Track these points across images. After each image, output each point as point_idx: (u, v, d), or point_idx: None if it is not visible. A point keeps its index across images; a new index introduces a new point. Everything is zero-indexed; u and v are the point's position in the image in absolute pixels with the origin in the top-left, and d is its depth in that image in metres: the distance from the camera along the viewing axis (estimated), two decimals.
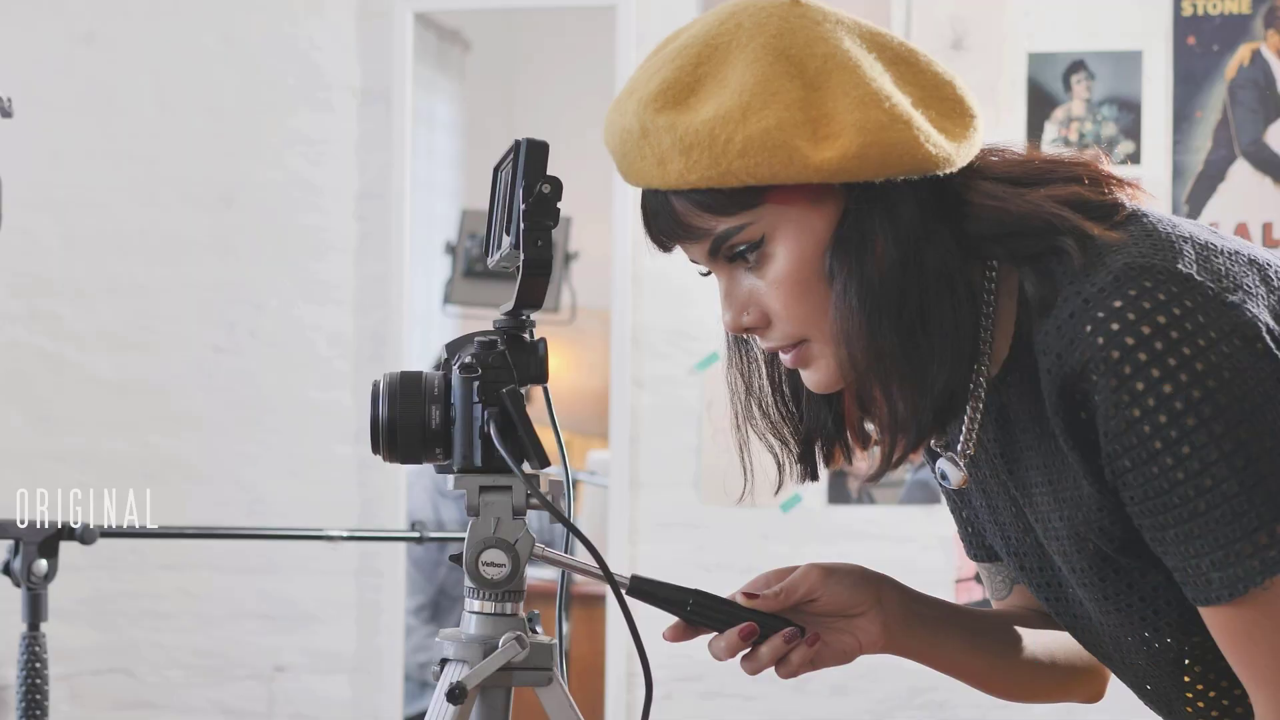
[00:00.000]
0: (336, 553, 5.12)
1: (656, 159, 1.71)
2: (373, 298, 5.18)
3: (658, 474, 5.02)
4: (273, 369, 5.23)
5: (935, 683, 4.72)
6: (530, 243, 1.79)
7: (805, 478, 1.92)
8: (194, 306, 5.26)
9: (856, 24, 1.76)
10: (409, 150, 5.17)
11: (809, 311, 1.74)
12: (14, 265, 5.28)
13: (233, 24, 5.27)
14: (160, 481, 5.21)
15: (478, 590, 1.83)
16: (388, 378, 1.85)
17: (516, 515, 1.81)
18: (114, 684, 5.29)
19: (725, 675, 4.83)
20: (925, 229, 1.72)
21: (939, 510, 4.82)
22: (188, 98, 5.29)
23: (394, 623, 5.18)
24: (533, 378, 1.84)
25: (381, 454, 1.85)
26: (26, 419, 5.33)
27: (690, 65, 1.72)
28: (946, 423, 1.78)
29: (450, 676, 1.81)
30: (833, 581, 1.88)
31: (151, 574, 5.26)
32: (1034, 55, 4.82)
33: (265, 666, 5.24)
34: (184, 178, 5.28)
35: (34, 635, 2.92)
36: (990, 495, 1.91)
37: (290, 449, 5.22)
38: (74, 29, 5.32)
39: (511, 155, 1.82)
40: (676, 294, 4.95)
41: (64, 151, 5.28)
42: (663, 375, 5.00)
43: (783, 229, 1.73)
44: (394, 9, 5.16)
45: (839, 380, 1.77)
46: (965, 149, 1.74)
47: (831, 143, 1.67)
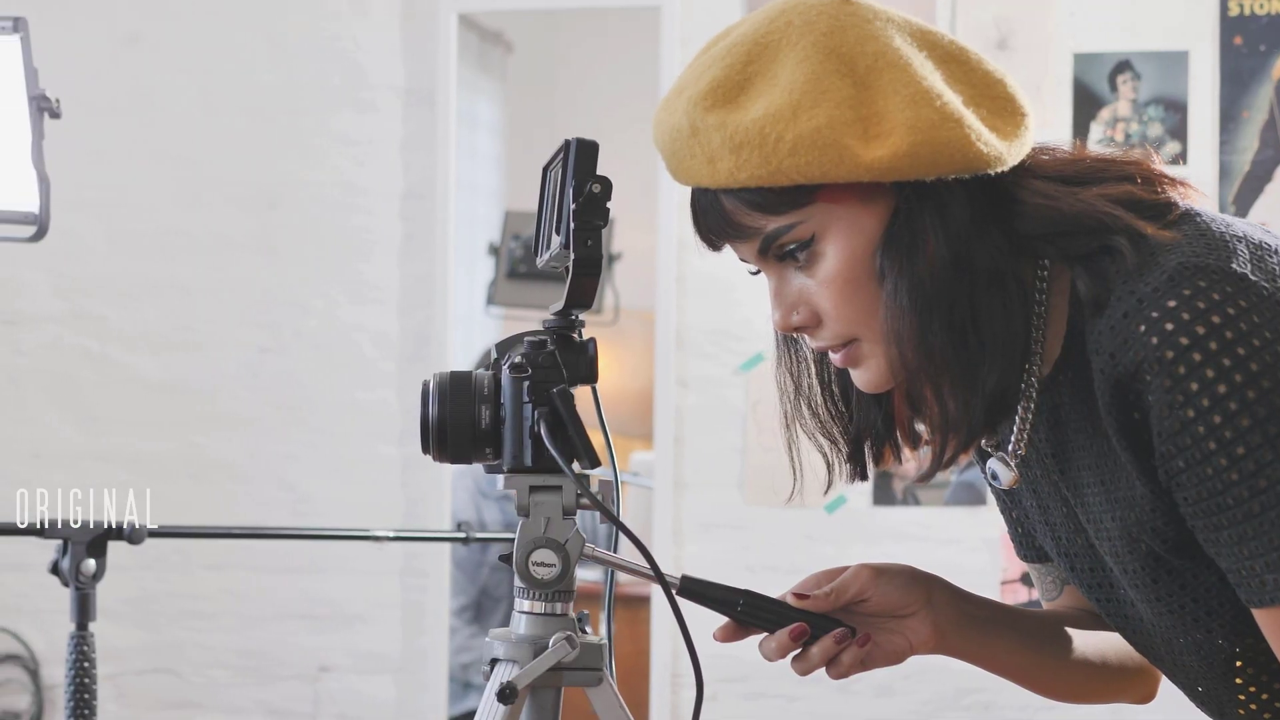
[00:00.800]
0: (381, 553, 5.13)
1: (706, 157, 1.70)
2: (417, 298, 5.19)
3: (702, 475, 5.01)
4: (317, 369, 5.24)
5: (981, 684, 4.72)
6: (580, 242, 1.78)
7: (855, 477, 1.92)
8: (238, 307, 5.27)
9: (907, 22, 1.75)
10: (453, 151, 5.18)
11: (859, 311, 1.74)
12: (58, 266, 5.30)
13: (276, 25, 5.28)
14: (205, 482, 5.23)
15: (528, 590, 1.82)
16: (438, 377, 1.85)
17: (566, 515, 1.81)
18: (159, 684, 5.30)
19: (769, 676, 4.82)
20: (976, 228, 1.71)
21: (984, 512, 4.80)
22: (232, 98, 5.31)
23: (438, 623, 5.18)
24: (582, 378, 1.84)
25: (431, 454, 1.85)
26: (71, 419, 5.35)
27: (740, 63, 1.72)
28: (997, 422, 1.77)
29: (500, 676, 1.81)
30: (883, 581, 1.87)
31: (196, 574, 5.27)
32: (1079, 55, 4.81)
33: (310, 667, 5.25)
34: (228, 179, 5.29)
35: (82, 635, 2.93)
36: (1041, 495, 1.90)
37: (334, 449, 5.23)
38: (118, 30, 5.34)
39: (561, 155, 1.81)
40: (721, 294, 4.94)
41: (108, 153, 5.30)
42: (707, 376, 5.00)
43: (833, 228, 1.72)
44: (438, 10, 5.17)
45: (889, 380, 1.77)
46: (1016, 148, 1.73)
47: (882, 141, 1.67)
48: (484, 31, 5.84)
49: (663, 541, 4.96)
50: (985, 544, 4.82)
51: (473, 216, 5.87)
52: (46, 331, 5.35)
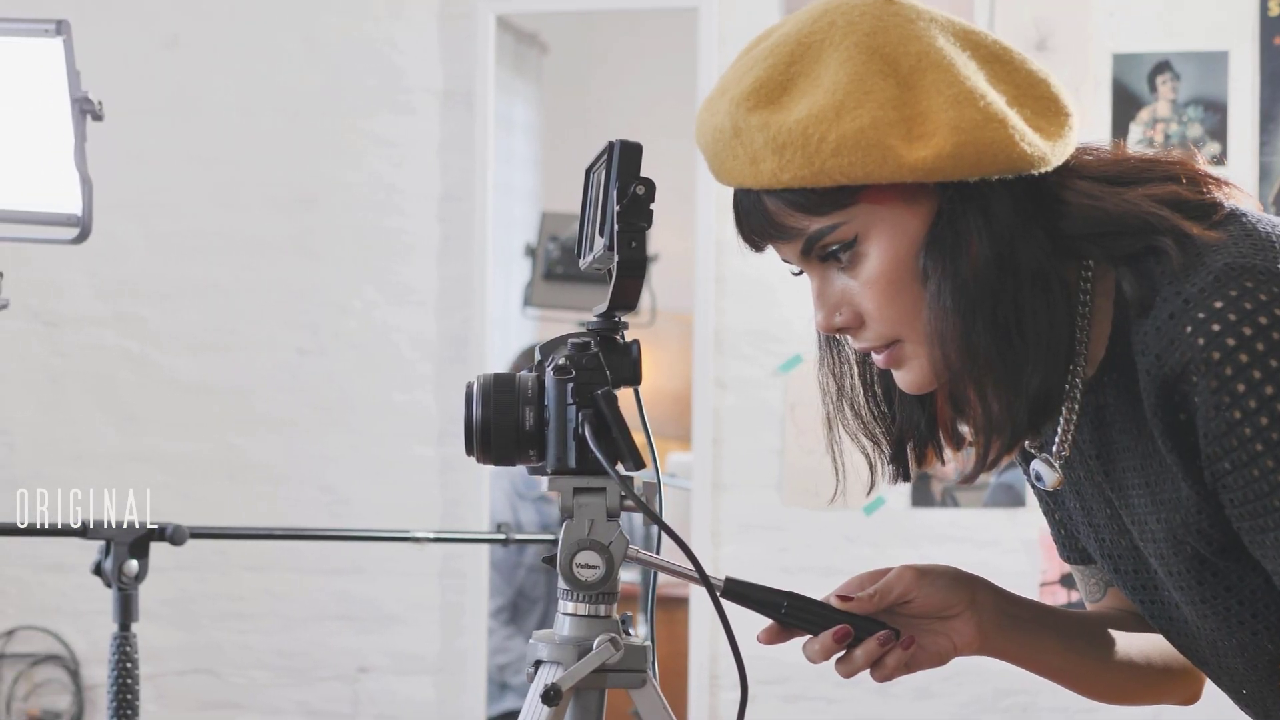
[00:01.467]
0: (420, 555, 5.14)
1: (749, 158, 1.70)
2: (454, 300, 5.19)
3: (740, 476, 5.01)
4: (355, 371, 5.25)
5: (1021, 685, 4.71)
6: (624, 244, 1.78)
7: (897, 478, 1.91)
8: (277, 309, 5.28)
9: (950, 22, 1.75)
10: (491, 153, 5.18)
11: (902, 312, 1.73)
12: (98, 268, 5.32)
13: (315, 27, 5.30)
14: (242, 483, 5.24)
15: (571, 592, 1.82)
16: (481, 379, 1.85)
17: (610, 517, 1.81)
18: (199, 684, 5.32)
19: (809, 678, 4.82)
20: (1020, 228, 1.71)
21: (1023, 513, 4.79)
22: (270, 100, 5.32)
23: (477, 624, 5.19)
24: (626, 379, 1.84)
25: (475, 455, 1.85)
26: (111, 420, 5.36)
27: (783, 64, 1.71)
28: (1041, 424, 1.76)
29: (545, 678, 1.81)
30: (927, 583, 1.86)
31: (236, 575, 5.28)
32: (1119, 56, 4.80)
33: (349, 667, 5.26)
34: (266, 180, 5.31)
35: (124, 635, 2.94)
36: (1085, 497, 1.90)
37: (372, 450, 5.24)
38: (157, 33, 5.36)
39: (604, 157, 1.81)
40: (759, 296, 4.94)
41: (147, 155, 5.31)
42: (745, 377, 5.00)
43: (876, 229, 1.72)
44: (475, 11, 5.17)
45: (932, 381, 1.76)
46: (1060, 148, 1.72)
47: (926, 142, 1.66)
48: (519, 33, 5.85)
49: (700, 542, 4.95)
50: (1024, 546, 4.81)
51: (509, 218, 5.87)
52: (87, 333, 5.37)
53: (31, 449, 5.37)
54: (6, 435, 5.36)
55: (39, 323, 5.38)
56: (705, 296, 5.00)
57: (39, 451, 5.36)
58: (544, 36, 6.17)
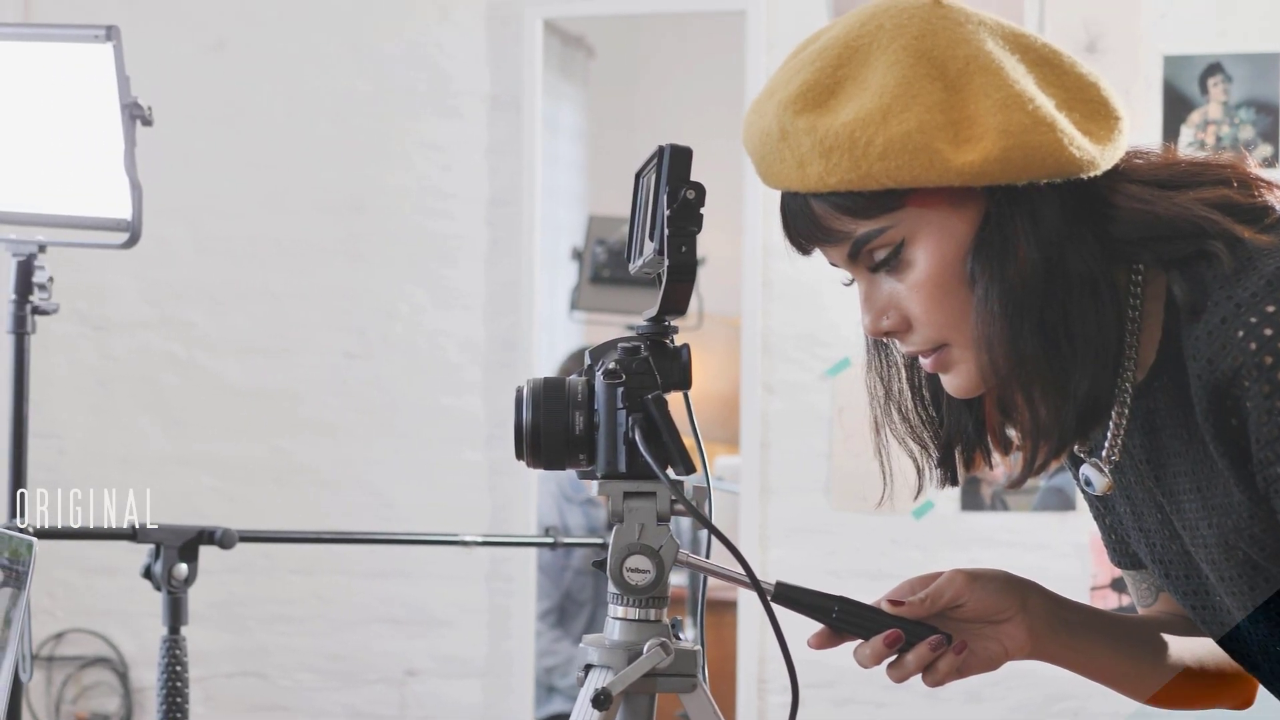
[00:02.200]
0: (468, 558, 5.15)
1: (796, 161, 1.70)
2: (503, 304, 5.20)
3: (788, 480, 5.01)
4: (403, 375, 5.26)
5: (1071, 690, 4.69)
6: (674, 248, 1.78)
7: (945, 483, 1.90)
8: (325, 313, 5.30)
9: (999, 25, 1.74)
10: (539, 156, 5.19)
11: (950, 316, 1.73)
12: (147, 272, 5.34)
13: (363, 31, 5.31)
14: (290, 486, 5.26)
15: (622, 596, 1.82)
16: (531, 383, 1.85)
17: (660, 521, 1.81)
18: (247, 687, 5.34)
19: (857, 681, 4.81)
20: (1069, 233, 1.70)
21: (1073, 517, 4.78)
22: (318, 105, 5.33)
23: (524, 627, 5.19)
24: (676, 384, 1.83)
25: (525, 460, 1.85)
26: (159, 424, 5.38)
27: (830, 67, 1.71)
28: (1090, 429, 1.76)
29: (595, 683, 1.81)
30: (978, 587, 1.86)
31: (284, 578, 5.30)
32: (1169, 58, 4.77)
33: (396, 671, 5.27)
34: (314, 185, 5.32)
35: (174, 639, 2.95)
36: (1135, 502, 1.89)
37: (421, 454, 5.25)
38: (205, 38, 5.38)
39: (655, 161, 1.81)
40: (807, 299, 4.93)
41: (195, 159, 5.33)
42: (793, 381, 4.99)
43: (923, 232, 1.71)
44: (523, 15, 5.18)
45: (980, 385, 1.76)
46: (1110, 152, 1.72)
47: (973, 145, 1.66)
48: (566, 36, 5.85)
49: (748, 546, 4.95)
50: (1075, 549, 4.79)
51: (555, 222, 5.88)
52: (135, 337, 5.40)
53: (80, 452, 5.40)
54: (56, 439, 5.39)
55: (88, 327, 5.40)
56: (753, 300, 5.00)
57: (88, 455, 5.39)
58: (590, 40, 6.18)
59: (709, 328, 5.76)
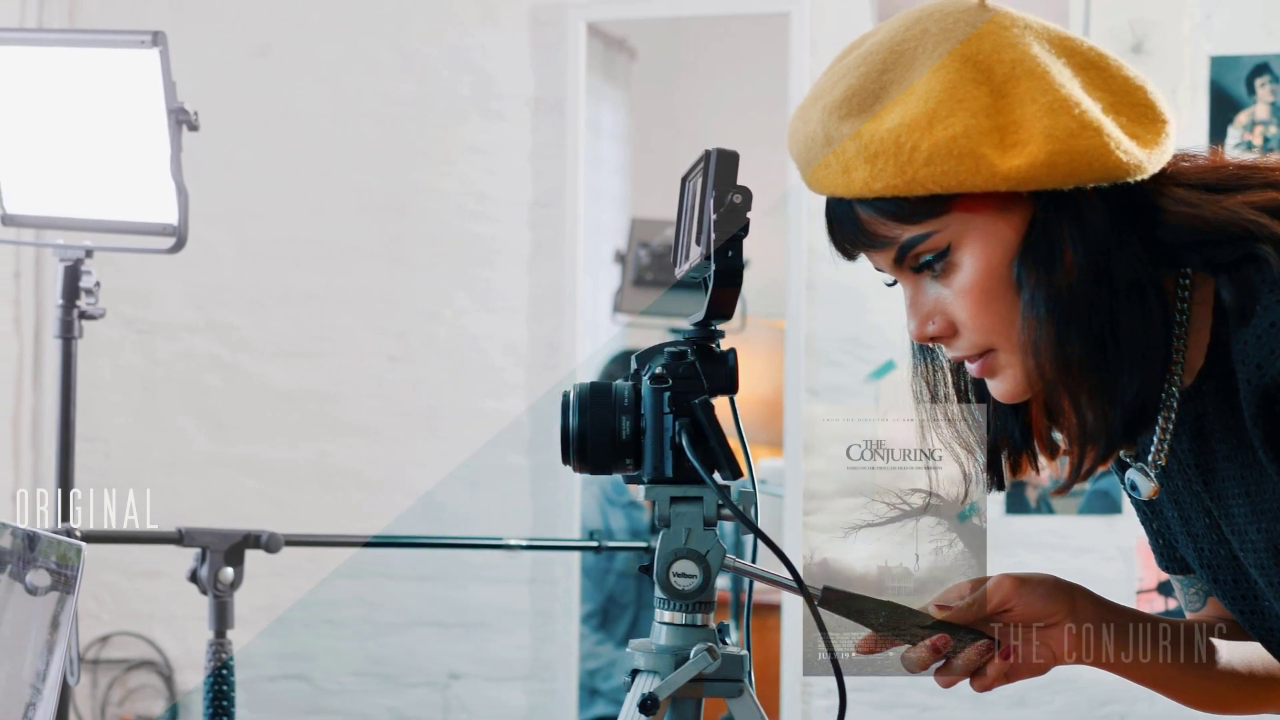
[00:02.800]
0: (512, 561, 5.15)
1: (841, 167, 1.70)
2: (545, 307, 5.20)
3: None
4: (446, 378, 5.27)
5: (1117, 695, 4.68)
6: (721, 253, 1.78)
7: (991, 487, 1.90)
8: (368, 316, 5.31)
9: (1045, 28, 1.74)
10: (582, 159, 5.19)
11: (996, 321, 1.72)
12: (191, 276, 5.36)
13: (406, 35, 5.32)
14: (333, 489, 5.27)
15: (668, 601, 1.82)
16: (578, 388, 1.85)
17: (707, 526, 1.81)
18: (291, 690, 5.35)
19: (902, 685, 4.80)
20: (1116, 237, 1.69)
21: (1119, 520, 4.76)
22: (361, 108, 5.34)
23: (568, 631, 5.19)
24: (722, 388, 1.83)
25: (572, 464, 1.85)
26: (203, 427, 5.40)
27: (875, 71, 1.71)
28: (1137, 434, 1.75)
29: (642, 687, 1.81)
30: (1026, 591, 1.85)
31: (328, 582, 5.31)
32: (1216, 59, 4.75)
33: (440, 674, 5.27)
34: (358, 188, 5.33)
35: (220, 642, 2.96)
36: (1183, 507, 1.88)
37: (463, 457, 5.25)
38: (250, 42, 5.39)
39: (701, 165, 1.81)
40: (851, 303, 4.92)
41: (239, 163, 5.35)
42: (837, 384, 4.98)
43: (969, 237, 1.71)
44: (566, 18, 5.18)
45: (1026, 390, 1.75)
46: (1157, 156, 1.71)
47: (1020, 150, 1.65)
48: (608, 39, 5.85)
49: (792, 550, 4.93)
50: (1120, 553, 4.77)
51: (597, 224, 5.88)
52: (179, 341, 5.41)
53: (125, 455, 5.41)
54: (101, 442, 5.41)
55: (132, 330, 5.42)
56: (797, 303, 5.00)
57: (132, 458, 5.41)
58: (632, 42, 6.18)
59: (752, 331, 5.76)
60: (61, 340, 3.10)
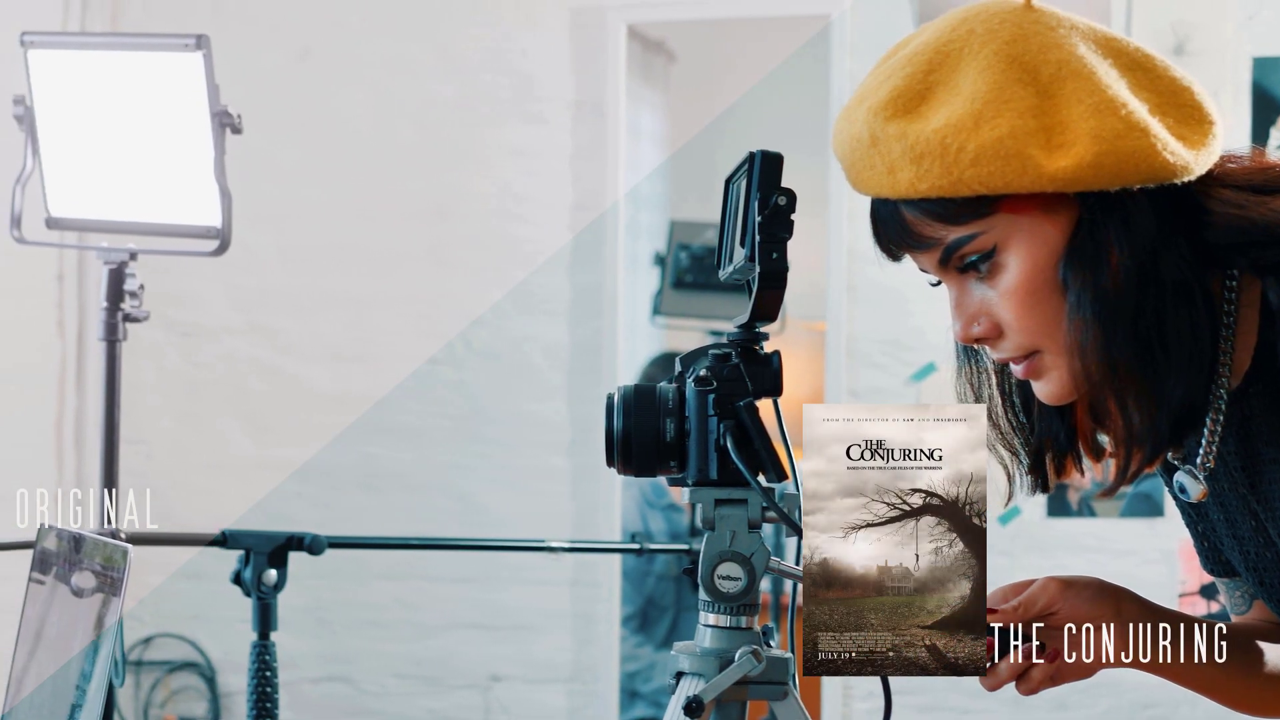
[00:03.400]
0: (553, 564, 5.15)
1: (886, 168, 1.69)
2: (586, 309, 5.20)
3: None
4: (488, 380, 5.27)
5: (1159, 697, 4.66)
6: (765, 255, 1.78)
7: (1036, 489, 1.89)
8: (410, 319, 5.32)
9: (1091, 29, 1.73)
10: (622, 162, 5.19)
11: (1042, 322, 1.72)
12: (234, 279, 5.37)
13: (447, 38, 5.32)
14: (376, 492, 5.28)
15: (713, 604, 1.82)
16: (622, 390, 1.85)
17: (752, 529, 1.81)
18: (333, 692, 5.36)
19: (943, 688, 4.79)
20: (1162, 239, 1.69)
21: (1161, 523, 4.74)
22: (402, 111, 5.35)
23: (609, 633, 5.20)
24: (767, 390, 1.83)
25: (616, 466, 1.85)
26: (246, 430, 5.41)
27: (921, 72, 1.70)
28: (1184, 436, 1.75)
29: (686, 690, 1.81)
30: (1072, 594, 1.84)
31: (370, 583, 5.32)
32: (1259, 60, 4.73)
33: (481, 676, 5.28)
34: (399, 191, 5.34)
35: (264, 644, 2.97)
36: (1229, 509, 1.87)
37: (505, 460, 5.26)
38: (291, 45, 5.40)
39: (745, 167, 1.81)
40: (892, 304, 4.91)
41: (281, 165, 5.36)
42: (878, 386, 4.97)
43: (1015, 238, 1.70)
44: (606, 21, 5.18)
45: (1072, 392, 1.74)
46: (1204, 156, 1.70)
47: (1066, 151, 1.64)
48: (647, 41, 5.86)
49: None
50: (1163, 556, 4.76)
51: (637, 226, 5.88)
52: (222, 344, 5.43)
53: (168, 458, 5.43)
54: (144, 444, 5.42)
55: (176, 333, 5.44)
56: (838, 305, 4.99)
57: (176, 460, 5.43)
58: (671, 44, 6.18)
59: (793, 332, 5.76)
60: (105, 343, 3.12)
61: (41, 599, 2.07)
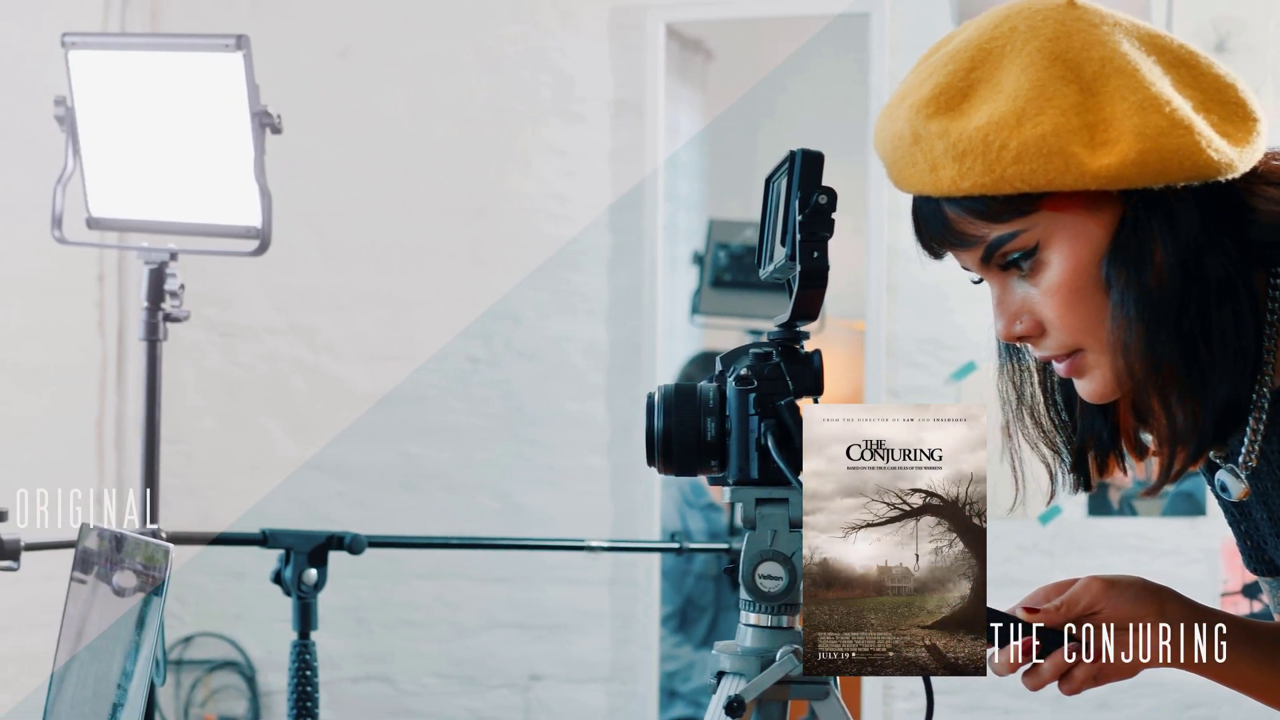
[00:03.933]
0: (593, 563, 5.15)
1: (929, 165, 1.69)
2: (625, 309, 5.20)
3: None
4: (527, 380, 5.28)
5: (1203, 697, 4.64)
6: (806, 254, 1.77)
7: (1078, 488, 1.89)
8: (449, 318, 5.32)
9: (1134, 26, 1.72)
10: (661, 161, 5.19)
11: (1084, 321, 1.71)
12: (274, 278, 5.39)
13: (486, 36, 5.33)
14: (416, 491, 5.28)
15: (754, 603, 1.82)
16: (663, 390, 1.85)
17: (793, 528, 1.80)
18: (373, 691, 5.37)
19: (985, 688, 4.78)
20: (1206, 237, 1.68)
21: (1203, 522, 4.72)
22: (442, 110, 5.36)
23: (648, 632, 5.19)
24: (808, 390, 1.83)
25: (657, 466, 1.85)
26: (286, 429, 5.42)
27: (963, 70, 1.70)
28: (1228, 435, 1.74)
29: (727, 689, 1.80)
30: (1115, 594, 1.84)
31: (409, 583, 5.33)
32: None
33: (521, 676, 5.28)
34: (438, 190, 5.35)
35: (304, 644, 2.97)
36: (1272, 508, 1.86)
37: (545, 459, 5.26)
38: (331, 44, 5.41)
39: (786, 166, 1.80)
40: (933, 303, 4.90)
41: (321, 165, 5.37)
42: (918, 385, 4.96)
43: (1058, 236, 1.69)
44: (646, 21, 5.18)
45: (1115, 390, 1.74)
46: (1248, 154, 1.69)
47: (1110, 149, 1.64)
48: (685, 40, 5.85)
49: None
50: (1204, 555, 4.74)
51: (676, 226, 5.88)
52: (262, 343, 5.44)
53: (209, 458, 5.45)
54: (184, 444, 5.44)
55: (215, 333, 5.45)
56: (877, 304, 4.98)
57: (216, 460, 5.44)
58: (709, 43, 6.17)
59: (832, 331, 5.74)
60: (146, 343, 3.12)
61: (83, 598, 2.08)
